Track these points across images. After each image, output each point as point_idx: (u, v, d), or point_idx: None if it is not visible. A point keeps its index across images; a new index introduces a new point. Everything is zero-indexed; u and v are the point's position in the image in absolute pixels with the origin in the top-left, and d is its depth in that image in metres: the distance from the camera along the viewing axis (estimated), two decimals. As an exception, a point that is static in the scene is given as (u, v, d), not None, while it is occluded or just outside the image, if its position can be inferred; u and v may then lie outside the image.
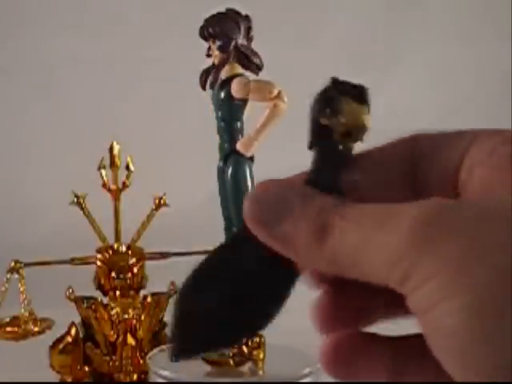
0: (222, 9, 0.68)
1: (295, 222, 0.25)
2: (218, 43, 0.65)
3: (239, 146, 0.65)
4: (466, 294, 0.23)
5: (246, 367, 0.68)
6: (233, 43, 0.65)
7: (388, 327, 0.30)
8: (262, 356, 0.68)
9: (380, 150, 0.29)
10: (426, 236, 0.23)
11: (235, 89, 0.64)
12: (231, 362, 0.67)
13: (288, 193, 0.26)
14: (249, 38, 0.66)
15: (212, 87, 0.66)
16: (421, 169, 0.28)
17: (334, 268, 0.25)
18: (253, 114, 0.68)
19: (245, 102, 0.65)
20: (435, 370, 0.25)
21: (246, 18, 0.67)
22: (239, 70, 0.66)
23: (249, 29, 0.66)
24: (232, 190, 0.66)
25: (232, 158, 0.66)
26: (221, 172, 0.67)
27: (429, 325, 0.24)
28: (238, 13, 0.67)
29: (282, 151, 1.20)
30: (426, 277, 0.23)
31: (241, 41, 0.66)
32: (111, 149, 0.84)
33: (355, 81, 0.29)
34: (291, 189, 0.26)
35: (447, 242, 0.23)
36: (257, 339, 0.67)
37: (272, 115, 0.63)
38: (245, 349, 0.67)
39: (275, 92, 0.63)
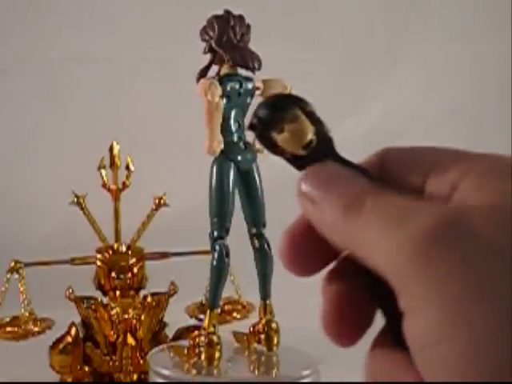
0: (222, 9, 0.68)
1: (336, 194, 0.26)
2: (204, 46, 0.67)
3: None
4: (461, 340, 0.22)
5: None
6: (207, 45, 0.66)
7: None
8: (216, 356, 0.68)
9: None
10: (428, 253, 0.23)
11: (198, 89, 0.66)
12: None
13: (339, 170, 0.27)
14: (228, 38, 0.66)
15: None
16: (389, 182, 0.28)
17: (348, 246, 0.26)
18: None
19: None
20: None
21: (223, 17, 0.67)
22: (228, 70, 0.67)
23: (223, 28, 0.66)
24: (208, 191, 0.67)
25: (213, 158, 0.67)
26: None
27: (424, 361, 0.23)
28: (220, 15, 0.67)
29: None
30: (420, 303, 0.23)
31: (215, 42, 0.66)
32: (111, 149, 0.84)
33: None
34: (344, 169, 0.27)
35: (447, 270, 0.23)
36: (204, 338, 0.67)
37: (204, 114, 0.64)
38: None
39: (203, 90, 0.64)
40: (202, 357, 0.67)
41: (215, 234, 0.67)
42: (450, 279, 0.23)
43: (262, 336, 0.70)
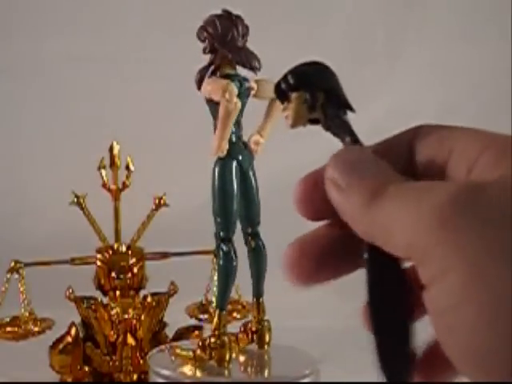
0: (221, 9, 0.68)
1: (360, 183, 0.27)
2: (203, 45, 0.67)
3: (211, 147, 0.66)
4: (480, 302, 0.23)
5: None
6: (209, 44, 0.66)
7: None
8: (227, 357, 0.68)
9: (391, 138, 0.31)
10: (449, 220, 0.24)
11: (203, 89, 0.65)
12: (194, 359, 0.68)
13: (365, 158, 0.28)
14: (232, 38, 0.66)
15: (199, 88, 0.66)
16: (417, 157, 0.30)
17: (371, 234, 0.27)
18: (255, 114, 0.68)
19: (217, 102, 0.65)
20: None
21: (225, 17, 0.67)
22: (229, 70, 0.66)
23: (226, 28, 0.66)
24: (212, 191, 0.66)
25: (216, 158, 0.66)
26: None
27: (444, 325, 0.24)
28: (221, 14, 0.67)
29: (281, 151, 1.20)
30: (441, 270, 0.24)
31: (218, 41, 0.66)
32: (111, 149, 0.84)
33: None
34: (369, 155, 0.29)
35: (466, 236, 0.23)
36: (215, 340, 0.67)
37: (221, 114, 0.64)
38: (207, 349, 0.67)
39: (220, 91, 0.63)
40: (214, 358, 0.67)
41: (222, 234, 0.66)
42: (469, 244, 0.23)
43: (255, 334, 0.70)
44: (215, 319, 0.67)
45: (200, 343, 0.67)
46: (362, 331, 0.30)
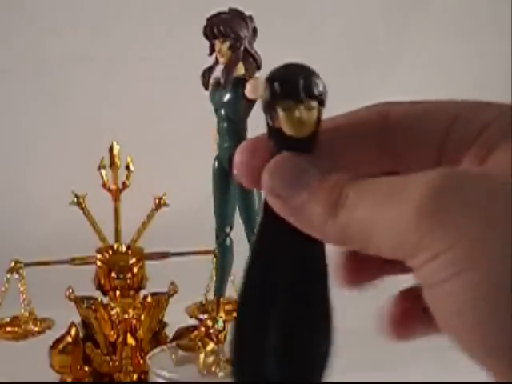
0: (222, 9, 0.68)
1: (312, 194, 0.25)
2: (229, 43, 0.65)
3: None
4: (481, 269, 0.22)
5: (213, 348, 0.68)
6: (244, 43, 0.65)
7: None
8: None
9: (349, 118, 0.28)
10: (437, 206, 0.23)
11: (250, 90, 0.64)
12: (199, 344, 0.67)
13: (305, 165, 0.26)
14: (254, 39, 0.66)
15: (224, 87, 0.65)
16: (396, 140, 0.27)
17: (345, 241, 0.25)
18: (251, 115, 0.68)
19: (253, 103, 0.64)
20: None
21: (251, 18, 0.67)
22: (242, 70, 0.66)
23: (255, 29, 0.66)
24: (240, 193, 0.66)
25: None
26: (215, 171, 0.67)
27: (437, 300, 0.23)
28: (243, 13, 0.67)
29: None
30: (438, 250, 0.23)
31: (248, 41, 0.66)
32: (111, 149, 0.84)
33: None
34: (308, 161, 0.26)
35: (461, 214, 0.23)
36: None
37: None
38: (212, 332, 0.68)
39: None
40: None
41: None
42: (462, 222, 0.23)
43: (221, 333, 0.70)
44: None
45: None
46: (363, 331, 0.30)
